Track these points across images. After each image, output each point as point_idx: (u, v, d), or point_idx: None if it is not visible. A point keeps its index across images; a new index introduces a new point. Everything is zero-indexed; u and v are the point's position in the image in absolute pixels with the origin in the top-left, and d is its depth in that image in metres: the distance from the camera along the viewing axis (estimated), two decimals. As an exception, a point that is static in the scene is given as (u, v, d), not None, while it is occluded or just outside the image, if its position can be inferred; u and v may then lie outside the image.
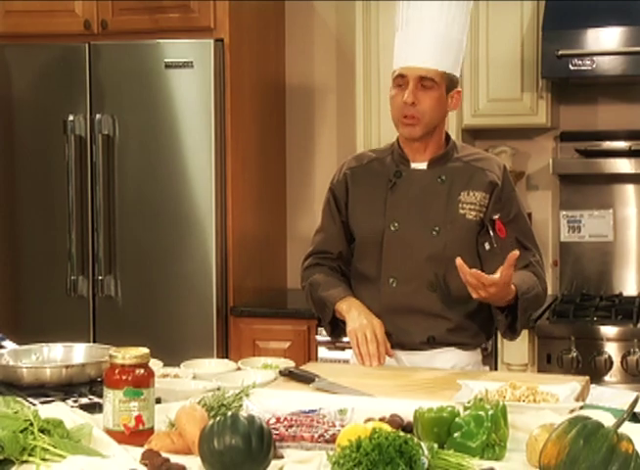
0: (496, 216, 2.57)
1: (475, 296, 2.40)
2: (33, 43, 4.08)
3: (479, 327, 2.64)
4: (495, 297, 2.42)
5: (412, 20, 2.56)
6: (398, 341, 2.59)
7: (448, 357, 2.60)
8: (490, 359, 3.71)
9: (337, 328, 2.70)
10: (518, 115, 4.03)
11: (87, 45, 3.96)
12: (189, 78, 3.88)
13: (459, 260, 2.36)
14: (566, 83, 4.09)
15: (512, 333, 2.60)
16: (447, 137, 2.69)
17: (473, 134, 4.29)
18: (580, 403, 2.00)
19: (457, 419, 1.71)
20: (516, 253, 2.38)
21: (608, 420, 1.62)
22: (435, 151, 2.64)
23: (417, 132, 2.57)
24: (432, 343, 2.59)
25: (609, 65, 3.79)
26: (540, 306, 2.68)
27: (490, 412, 1.69)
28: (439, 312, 2.58)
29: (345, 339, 2.67)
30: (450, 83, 2.58)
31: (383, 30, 4.06)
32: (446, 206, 2.58)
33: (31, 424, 1.65)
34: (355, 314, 2.57)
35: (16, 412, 1.68)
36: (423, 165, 2.63)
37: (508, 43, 4.00)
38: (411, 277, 2.57)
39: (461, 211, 2.58)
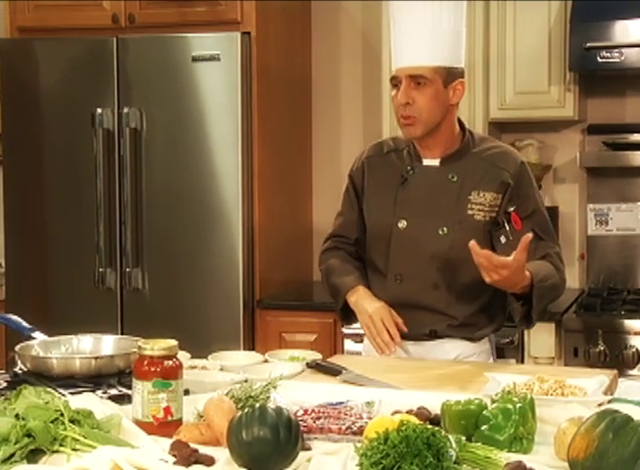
0: (511, 209, 2.56)
1: (488, 280, 2.37)
2: (62, 37, 4.10)
3: (484, 323, 2.63)
4: (508, 281, 2.39)
5: (400, 20, 2.56)
6: (401, 332, 2.59)
7: (452, 347, 2.61)
8: (517, 352, 3.70)
9: (348, 315, 2.71)
10: (545, 107, 4.01)
11: (115, 39, 3.97)
12: (216, 72, 3.88)
13: (472, 242, 2.34)
14: (593, 76, 4.06)
15: (527, 322, 2.57)
16: (463, 129, 2.65)
17: (499, 127, 4.27)
18: (609, 397, 1.99)
19: (485, 412, 1.70)
20: (529, 236, 2.35)
21: (637, 414, 1.61)
22: (447, 146, 2.60)
23: (417, 132, 2.54)
24: (433, 336, 2.60)
25: (637, 57, 3.75)
26: (557, 297, 2.65)
27: (518, 405, 1.69)
28: (443, 310, 2.58)
29: (356, 325, 2.72)
30: (448, 76, 2.53)
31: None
32: (455, 205, 2.56)
33: (62, 414, 1.66)
34: (363, 307, 2.58)
35: (47, 403, 1.69)
36: (435, 162, 2.61)
37: (535, 36, 3.97)
38: (416, 275, 2.58)
39: (469, 212, 2.56)
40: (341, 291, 2.66)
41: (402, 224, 2.58)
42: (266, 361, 2.42)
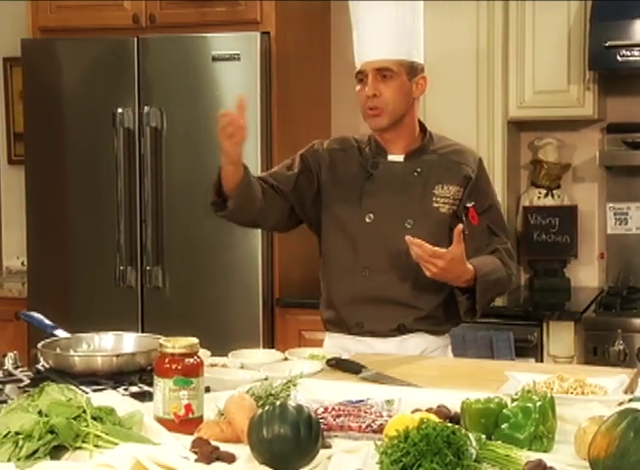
0: (470, 205, 2.62)
1: (428, 274, 2.42)
2: (83, 37, 4.12)
3: (448, 316, 2.66)
4: (449, 273, 2.44)
5: (362, 18, 2.62)
6: (370, 329, 2.62)
7: (418, 342, 2.64)
8: (536, 351, 3.69)
9: (219, 200, 2.63)
10: (564, 106, 3.99)
11: (136, 39, 3.99)
12: (235, 71, 3.89)
13: (407, 236, 2.40)
14: (613, 75, 4.05)
15: (472, 315, 2.62)
16: (423, 127, 2.72)
17: (518, 126, 4.26)
18: (629, 396, 1.97)
19: (505, 410, 1.70)
20: (460, 227, 2.42)
21: (657, 413, 1.60)
22: (410, 141, 2.67)
23: (383, 122, 2.61)
24: (402, 330, 2.62)
25: (657, 56, 3.74)
26: (503, 291, 2.72)
27: (538, 404, 1.68)
28: (411, 303, 2.61)
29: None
30: (411, 70, 2.62)
31: (427, 25, 4.03)
32: (421, 199, 2.62)
33: (84, 411, 1.67)
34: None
35: (69, 400, 1.69)
36: (400, 158, 2.66)
37: (555, 35, 3.96)
38: (383, 269, 2.60)
39: (435, 205, 2.62)
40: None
41: (369, 218, 2.62)
42: (286, 359, 2.42)
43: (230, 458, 1.60)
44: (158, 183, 3.99)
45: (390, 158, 2.66)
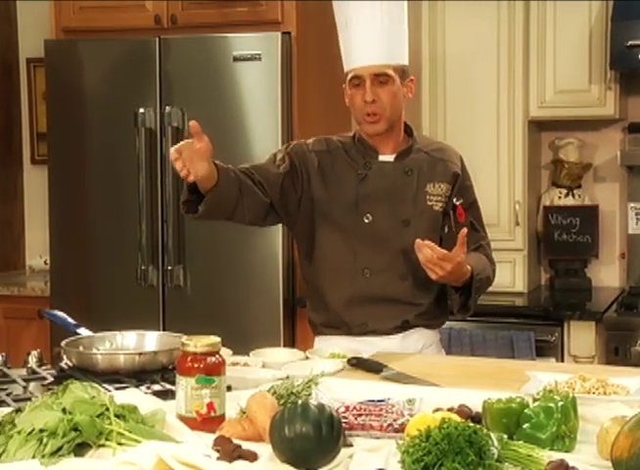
0: (459, 202, 2.66)
1: (434, 276, 2.45)
2: (105, 38, 4.14)
3: (441, 310, 2.70)
4: (452, 275, 2.47)
5: (352, 19, 2.60)
6: (374, 328, 2.64)
7: (417, 338, 2.67)
8: (557, 351, 3.68)
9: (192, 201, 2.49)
10: (585, 106, 3.98)
11: (157, 39, 4.00)
12: (256, 71, 3.89)
13: (418, 240, 2.42)
14: (634, 74, 4.02)
15: (465, 311, 2.65)
16: (407, 128, 2.73)
17: (539, 126, 4.25)
18: (651, 396, 1.96)
19: (526, 410, 1.69)
20: (465, 230, 2.45)
21: (680, 413, 1.59)
22: (400, 142, 2.69)
23: (381, 128, 2.62)
24: (405, 327, 2.65)
25: (678, 55, 3.71)
26: (489, 286, 2.74)
27: (560, 404, 1.67)
28: (410, 300, 2.64)
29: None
30: (403, 74, 2.63)
31: (448, 25, 4.04)
32: (415, 198, 2.64)
33: (107, 409, 1.67)
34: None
35: (92, 397, 1.70)
36: (390, 158, 2.67)
37: (576, 34, 3.94)
38: (384, 268, 2.61)
39: (428, 203, 2.64)
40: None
41: (368, 219, 2.62)
42: (307, 358, 2.42)
43: (252, 456, 1.60)
44: (179, 183, 3.98)
45: (381, 158, 2.67)
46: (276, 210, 2.63)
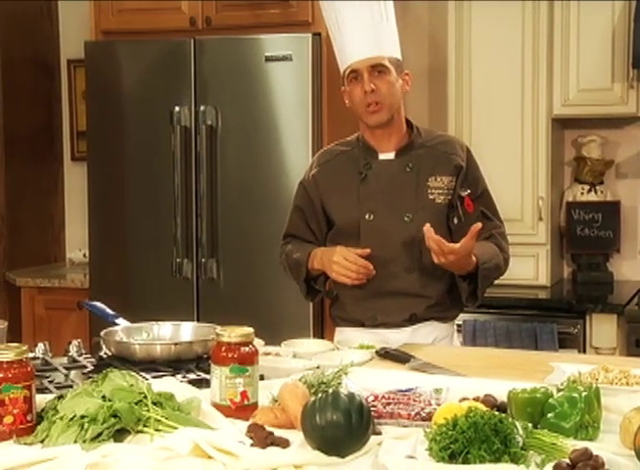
0: (465, 193, 2.63)
1: (436, 261, 2.45)
2: (143, 39, 4.15)
3: (452, 301, 2.68)
4: (455, 265, 2.48)
5: (344, 20, 2.61)
6: (383, 321, 2.64)
7: (429, 331, 2.66)
8: (578, 343, 3.65)
9: (312, 289, 2.77)
10: (608, 104, 3.94)
11: (192, 40, 4.01)
12: (288, 71, 3.89)
13: (427, 226, 2.42)
14: (656, 73, 3.98)
15: (474, 300, 2.64)
16: (409, 124, 2.72)
17: (562, 123, 4.21)
18: (673, 387, 1.94)
19: (551, 400, 1.68)
20: (478, 225, 2.43)
21: (702, 404, 1.58)
22: (400, 139, 2.67)
23: (383, 117, 2.61)
24: (413, 320, 2.64)
25: (700, 54, 3.67)
26: (501, 275, 2.71)
27: (584, 394, 1.66)
28: (419, 292, 2.63)
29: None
30: (397, 67, 2.63)
31: (474, 25, 4.02)
32: (416, 193, 2.62)
33: (145, 397, 1.68)
34: (325, 262, 2.60)
35: (131, 385, 1.71)
36: (390, 156, 2.66)
37: (599, 34, 3.91)
38: (388, 262, 2.61)
39: (430, 197, 2.63)
40: (301, 261, 2.68)
41: (369, 217, 2.62)
42: (336, 349, 2.42)
43: (284, 443, 1.60)
44: (213, 179, 4.01)
45: (381, 156, 2.67)
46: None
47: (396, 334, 2.63)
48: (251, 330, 1.85)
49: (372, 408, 1.72)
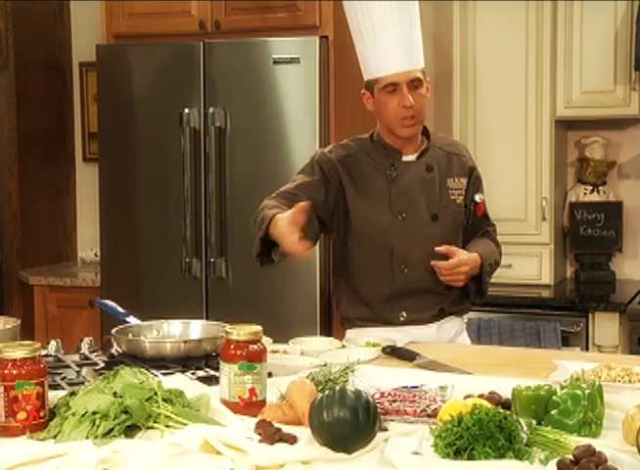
0: (480, 200, 2.69)
1: (461, 284, 2.57)
2: (153, 42, 4.15)
3: (464, 296, 2.71)
4: (471, 271, 2.57)
5: (376, 28, 2.57)
6: (412, 318, 2.64)
7: (451, 326, 2.71)
8: (581, 341, 3.65)
9: (265, 253, 2.52)
10: (610, 106, 3.94)
11: (202, 43, 4.01)
12: (295, 74, 3.89)
13: (436, 262, 2.53)
14: (658, 75, 3.97)
15: (480, 296, 2.70)
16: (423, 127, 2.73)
17: (566, 125, 4.21)
18: (675, 385, 1.94)
19: (554, 397, 1.68)
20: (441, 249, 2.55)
21: (703, 401, 1.57)
22: (419, 141, 2.69)
23: (417, 130, 2.65)
24: (442, 314, 2.67)
25: (702, 56, 3.66)
26: (497, 267, 2.76)
27: (587, 391, 1.66)
28: (443, 290, 2.65)
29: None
30: (425, 76, 2.63)
31: (479, 25, 4.01)
32: (439, 193, 2.66)
33: (156, 394, 1.68)
34: (278, 232, 2.35)
35: (142, 382, 1.71)
36: (412, 157, 2.67)
37: (602, 36, 3.90)
38: (419, 262, 2.61)
39: (452, 197, 2.67)
40: (267, 217, 2.44)
41: (401, 217, 2.62)
42: (343, 347, 2.42)
43: (292, 440, 1.60)
44: (221, 179, 4.01)
45: (405, 158, 2.67)
46: (325, 224, 2.67)
47: (423, 330, 2.65)
48: (259, 328, 1.85)
49: (378, 405, 1.72)
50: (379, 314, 2.65)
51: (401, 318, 2.64)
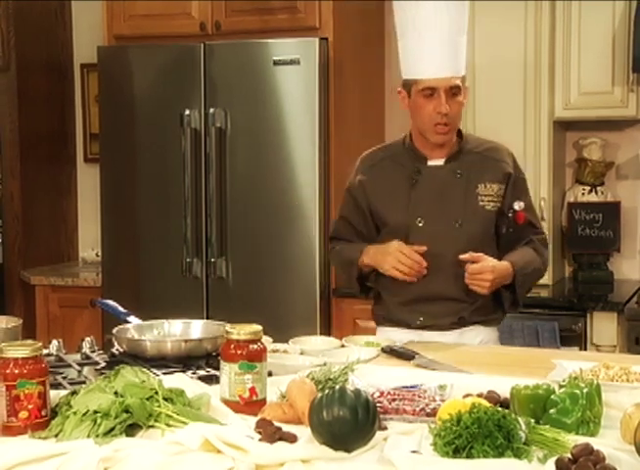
0: (519, 208, 2.57)
1: (485, 291, 2.49)
2: (154, 44, 4.15)
3: (496, 305, 2.65)
4: (498, 279, 2.49)
5: (422, 27, 2.51)
6: (431, 323, 2.61)
7: (474, 334, 2.64)
8: (580, 340, 3.65)
9: (364, 286, 2.72)
10: (608, 107, 3.93)
11: (202, 45, 4.01)
12: (295, 75, 3.89)
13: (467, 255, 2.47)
14: (656, 77, 3.97)
15: (515, 307, 2.64)
16: (458, 131, 2.67)
17: (564, 126, 4.20)
18: (672, 384, 1.94)
19: (553, 396, 1.68)
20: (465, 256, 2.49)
21: (701, 400, 1.57)
22: (451, 146, 2.63)
23: (450, 137, 2.60)
24: (462, 323, 2.61)
25: (700, 58, 3.66)
26: (540, 278, 2.71)
27: (585, 390, 1.66)
28: (465, 298, 2.59)
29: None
30: (463, 83, 2.57)
31: (481, 26, 4.01)
32: (465, 199, 2.58)
33: (156, 393, 1.69)
34: (378, 257, 2.57)
35: (143, 382, 1.71)
36: (440, 162, 2.62)
37: (600, 37, 3.90)
38: (438, 269, 2.56)
39: (480, 203, 2.59)
40: (353, 259, 2.64)
41: (420, 222, 2.59)
42: (343, 346, 2.42)
43: (292, 438, 1.60)
44: (222, 180, 4.01)
45: (430, 163, 2.63)
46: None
47: (443, 336, 2.60)
48: (259, 328, 1.86)
49: (378, 404, 1.72)
50: (399, 318, 2.65)
51: (418, 322, 2.62)
